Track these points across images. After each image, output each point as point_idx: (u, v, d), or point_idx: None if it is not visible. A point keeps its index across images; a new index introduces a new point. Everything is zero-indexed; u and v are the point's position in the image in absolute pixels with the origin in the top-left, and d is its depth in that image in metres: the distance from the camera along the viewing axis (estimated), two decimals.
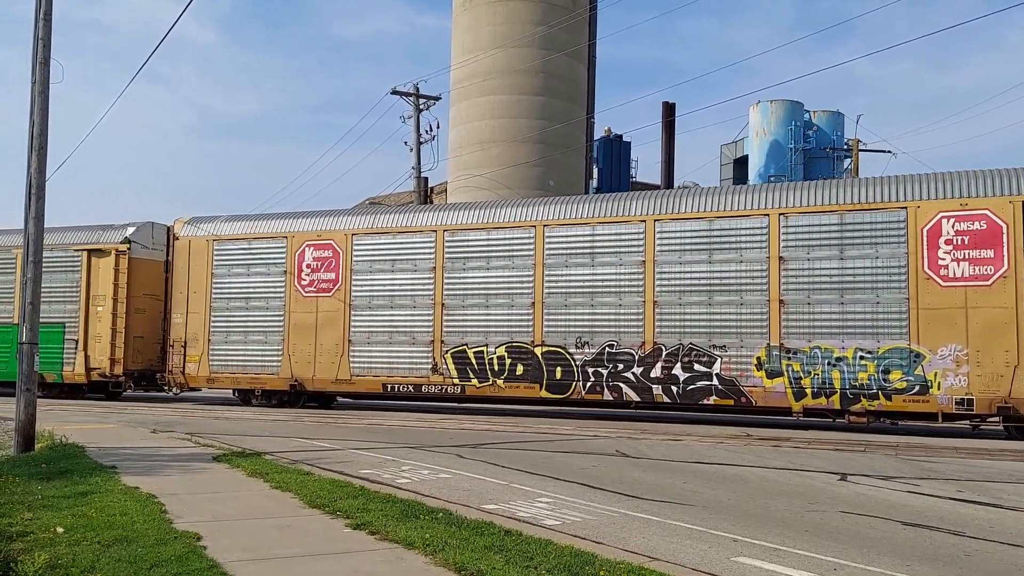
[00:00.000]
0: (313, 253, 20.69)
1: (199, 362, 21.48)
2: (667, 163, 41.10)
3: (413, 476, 9.78)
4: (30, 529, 6.60)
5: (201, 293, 21.66)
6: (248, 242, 21.46)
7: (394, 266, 19.94)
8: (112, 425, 15.82)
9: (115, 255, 23.06)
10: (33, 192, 11.92)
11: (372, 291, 20.07)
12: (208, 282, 21.61)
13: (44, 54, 11.94)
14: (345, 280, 20.30)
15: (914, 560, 6.22)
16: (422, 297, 19.56)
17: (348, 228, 20.54)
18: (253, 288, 21.21)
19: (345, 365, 20.08)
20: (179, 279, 22.00)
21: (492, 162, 35.35)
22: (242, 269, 21.44)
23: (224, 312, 21.45)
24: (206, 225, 22.08)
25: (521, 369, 18.55)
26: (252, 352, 21.08)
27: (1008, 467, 11.46)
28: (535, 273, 18.59)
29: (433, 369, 19.30)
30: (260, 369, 20.95)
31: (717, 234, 17.28)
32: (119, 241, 23.22)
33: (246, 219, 22.19)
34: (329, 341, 20.24)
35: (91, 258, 23.33)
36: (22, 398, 11.51)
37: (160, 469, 9.89)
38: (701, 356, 17.13)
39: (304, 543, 6.34)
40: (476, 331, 19.03)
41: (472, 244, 19.32)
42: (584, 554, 5.90)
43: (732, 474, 10.47)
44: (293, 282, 20.71)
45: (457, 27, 38.20)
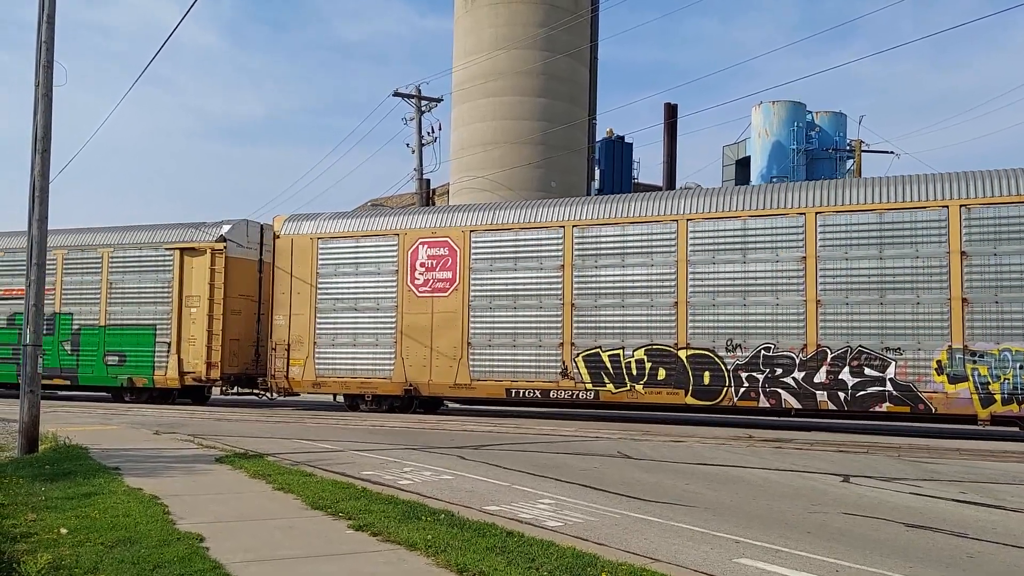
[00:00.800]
0: (427, 251, 19.65)
1: (304, 366, 20.52)
2: (669, 164, 41.11)
3: (415, 477, 9.79)
4: (34, 530, 6.62)
5: (305, 294, 20.68)
6: (356, 240, 20.44)
7: (517, 264, 18.84)
8: (115, 427, 15.85)
9: (210, 254, 22.00)
10: (37, 194, 11.95)
11: (493, 290, 18.98)
12: (313, 282, 20.63)
13: (47, 57, 11.98)
14: (463, 279, 19.23)
15: (917, 562, 6.22)
16: (549, 297, 18.46)
17: (466, 224, 19.44)
18: (362, 288, 20.22)
19: (464, 369, 19.04)
20: (281, 279, 21.02)
21: (494, 164, 35.36)
22: (350, 268, 20.44)
23: (331, 313, 20.47)
24: (308, 223, 21.08)
25: (663, 374, 17.38)
26: (361, 355, 20.07)
27: (1012, 469, 11.45)
28: (678, 270, 17.39)
29: (563, 373, 18.16)
30: (371, 373, 19.94)
31: (889, 228, 16.05)
32: (214, 239, 22.18)
33: (353, 216, 21.41)
34: (446, 344, 19.18)
35: (183, 257, 22.35)
36: (26, 400, 11.53)
37: (163, 470, 9.91)
38: (872, 359, 15.91)
39: (306, 544, 6.35)
40: (611, 332, 17.87)
41: (605, 240, 18.13)
42: (586, 555, 5.91)
43: (734, 475, 10.46)
44: (405, 282, 19.75)
45: (459, 29, 38.24)
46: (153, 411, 20.26)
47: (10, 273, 24.05)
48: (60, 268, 23.52)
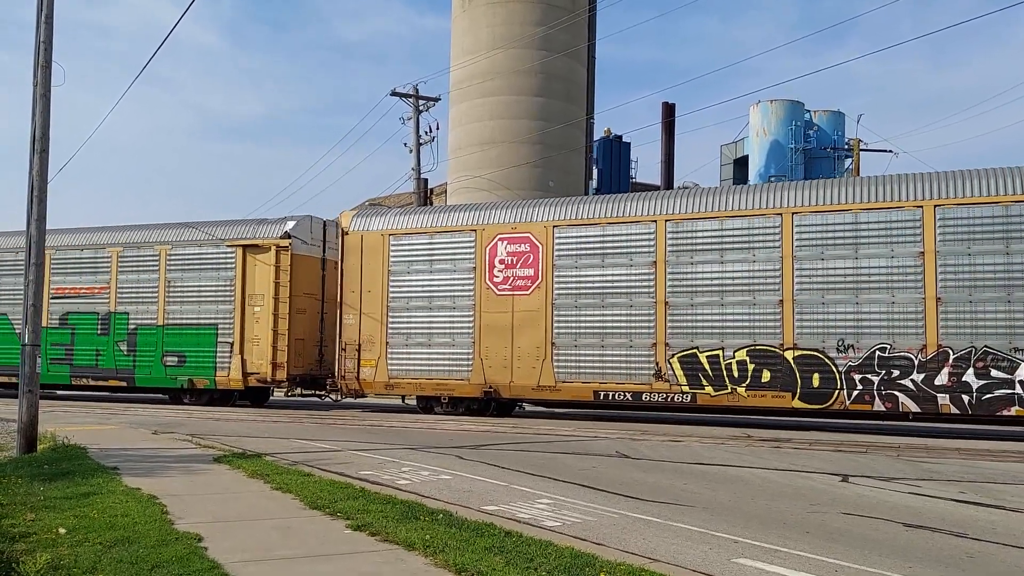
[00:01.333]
0: (507, 247, 18.80)
1: (375, 367, 19.69)
2: (667, 163, 41.13)
3: (413, 477, 9.79)
4: (32, 530, 6.61)
5: (376, 292, 19.85)
6: (430, 236, 19.58)
7: (604, 260, 17.96)
8: (114, 426, 15.84)
9: (275, 251, 21.19)
10: (35, 195, 11.93)
11: (578, 288, 18.12)
12: (385, 280, 19.80)
13: (46, 57, 11.95)
14: (546, 276, 18.38)
15: (916, 562, 6.22)
16: (640, 295, 17.57)
17: (548, 219, 18.59)
18: (437, 286, 19.39)
19: (548, 370, 18.16)
20: (350, 277, 20.16)
21: (492, 163, 35.36)
22: (424, 266, 19.61)
23: (403, 312, 19.64)
24: (378, 219, 20.37)
25: (767, 376, 16.49)
26: (437, 356, 19.25)
27: (1011, 468, 11.46)
28: (782, 266, 16.51)
29: (656, 375, 17.30)
30: (447, 374, 19.10)
31: (1017, 220, 15.19)
32: (278, 236, 21.37)
33: (426, 211, 20.62)
34: (528, 343, 18.37)
35: (246, 254, 21.53)
36: (24, 400, 11.51)
37: (161, 470, 9.90)
38: (1000, 361, 15.10)
39: (305, 544, 6.35)
40: (709, 332, 17.03)
41: (701, 235, 17.25)
42: (584, 555, 5.90)
43: (733, 475, 10.47)
44: (484, 279, 18.91)
45: (456, 28, 38.23)
46: (152, 411, 20.24)
47: (62, 271, 23.43)
48: (115, 266, 22.89)
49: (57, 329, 23.32)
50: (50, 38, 12.01)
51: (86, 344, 22.96)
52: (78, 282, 23.36)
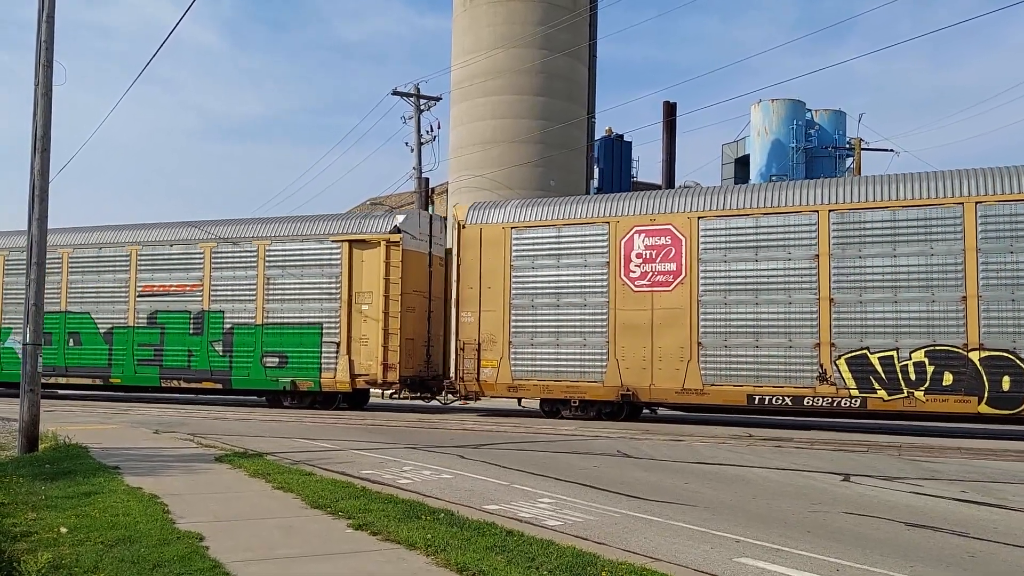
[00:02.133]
0: (645, 240, 17.62)
1: (497, 368, 18.59)
2: (668, 163, 41.13)
3: (415, 476, 9.79)
4: (34, 529, 6.61)
5: (497, 288, 18.75)
6: (557, 229, 18.47)
7: (758, 254, 16.80)
8: (115, 426, 15.84)
9: (384, 247, 20.08)
10: (36, 194, 11.93)
11: (728, 283, 16.97)
12: (507, 275, 18.69)
13: (47, 56, 11.95)
14: (690, 271, 17.22)
15: (917, 561, 6.21)
16: (800, 290, 16.42)
17: (692, 210, 17.41)
18: (565, 282, 18.27)
19: (694, 372, 17.00)
20: (468, 273, 19.10)
21: (493, 162, 35.35)
22: (550, 260, 18.47)
23: (528, 310, 18.52)
24: (498, 211, 19.30)
25: (949, 378, 15.33)
26: (566, 356, 18.13)
27: (1012, 467, 11.45)
28: (965, 259, 15.36)
29: (821, 378, 16.09)
30: (578, 376, 17.99)
31: None
32: (388, 230, 20.27)
33: (552, 203, 19.24)
34: (670, 343, 17.22)
35: (352, 250, 20.43)
36: (26, 399, 11.52)
37: (163, 470, 9.90)
38: None
39: (306, 543, 6.34)
40: (880, 331, 15.84)
41: (870, 225, 16.09)
42: (586, 555, 5.90)
43: (734, 474, 10.46)
44: (618, 274, 17.76)
45: (457, 27, 38.22)
46: (152, 411, 20.23)
47: (149, 268, 22.51)
48: (208, 263, 21.80)
49: (145, 329, 22.31)
50: (51, 37, 12.01)
51: (177, 344, 21.90)
52: (167, 279, 22.36)
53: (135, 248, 22.72)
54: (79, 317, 23.07)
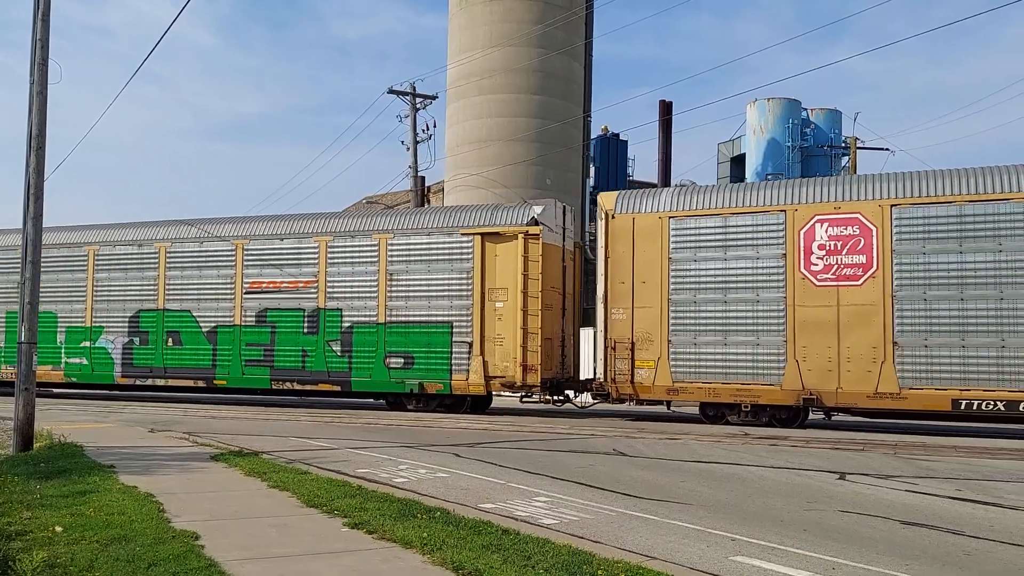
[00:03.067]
0: (828, 230, 16.33)
1: (655, 369, 17.28)
2: (664, 161, 41.18)
3: (410, 475, 9.78)
4: (29, 528, 6.59)
5: (653, 282, 17.43)
6: (723, 218, 17.10)
7: (962, 245, 15.42)
8: (110, 424, 15.81)
9: (522, 240, 18.79)
10: (32, 192, 11.90)
11: (927, 276, 15.67)
12: (664, 269, 17.38)
13: (42, 55, 11.92)
14: (882, 264, 15.87)
15: (913, 559, 6.23)
16: (1019, 283, 15.06)
17: (884, 197, 16.05)
18: (734, 275, 16.95)
19: (888, 374, 15.65)
20: (618, 266, 17.76)
21: (489, 161, 35.36)
22: (715, 252, 17.15)
23: (689, 306, 17.22)
24: (651, 200, 18.01)
25: None
26: (735, 356, 16.82)
27: (1008, 466, 11.48)
28: None
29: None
30: (751, 378, 16.65)
31: None
32: (525, 222, 18.93)
33: (718, 190, 17.91)
34: (860, 343, 15.90)
35: (485, 243, 19.14)
36: (20, 398, 11.49)
37: (158, 468, 9.88)
38: None
39: (302, 542, 6.34)
40: None
41: None
42: (582, 553, 5.90)
43: (730, 473, 10.47)
44: (796, 267, 16.48)
45: (453, 26, 38.20)
46: (147, 409, 20.19)
47: (257, 264, 21.26)
48: (323, 258, 20.47)
49: (253, 328, 21.04)
50: (46, 37, 11.98)
51: (290, 344, 20.61)
52: (278, 275, 21.04)
53: (241, 242, 21.40)
54: (179, 315, 21.86)
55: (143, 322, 22.25)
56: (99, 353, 22.67)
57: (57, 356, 23.07)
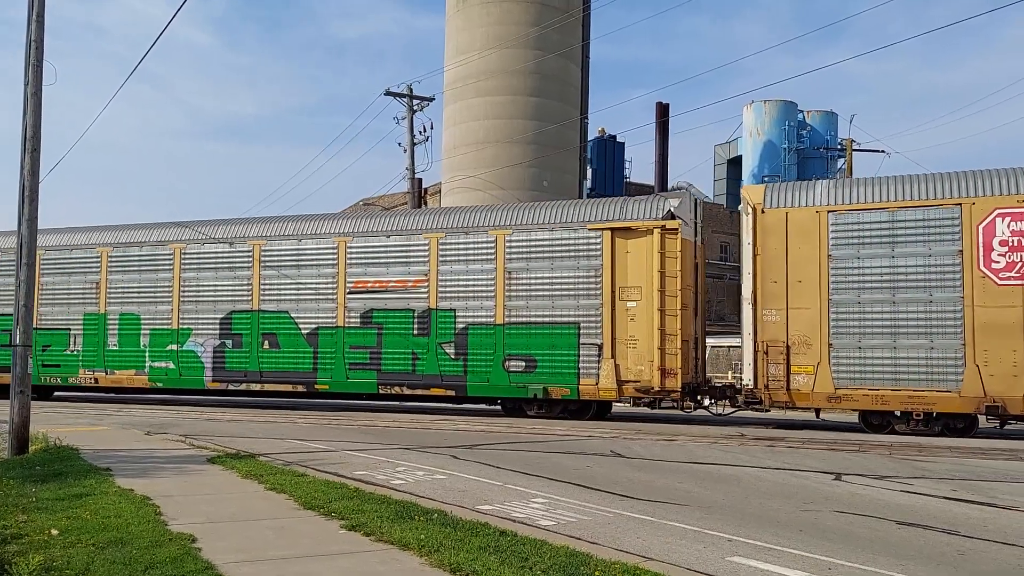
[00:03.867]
0: (1012, 225, 15.30)
1: (814, 374, 16.27)
2: (661, 163, 41.24)
3: (408, 477, 9.78)
4: (25, 531, 6.58)
5: (811, 281, 16.41)
6: (890, 213, 16.09)
7: None
8: (106, 427, 15.77)
9: (658, 235, 17.63)
10: (26, 194, 11.88)
11: None
12: (823, 267, 16.36)
13: (37, 56, 11.90)
14: None
15: (908, 559, 6.24)
16: None
17: None
18: (903, 273, 15.99)
19: None
20: (770, 264, 16.76)
21: (486, 163, 35.39)
22: (882, 248, 16.14)
23: (852, 307, 16.20)
24: (807, 193, 17.01)
25: None
26: (906, 361, 15.79)
27: (1002, 466, 11.51)
28: None
29: None
30: (924, 384, 15.61)
31: None
32: (661, 216, 17.82)
33: (877, 182, 16.75)
34: None
35: (615, 239, 18.03)
36: (16, 401, 11.46)
37: (155, 471, 9.87)
38: None
39: (299, 544, 6.33)
40: None
41: None
42: (579, 554, 5.91)
43: (727, 474, 10.49)
44: (975, 265, 15.49)
45: (450, 28, 38.24)
46: (144, 412, 20.14)
47: (362, 262, 20.15)
48: (434, 255, 19.42)
49: (358, 329, 19.97)
50: (41, 37, 11.96)
51: (398, 347, 19.60)
52: (384, 274, 19.91)
53: (344, 240, 20.27)
54: (276, 317, 20.77)
55: (236, 324, 21.17)
56: (187, 357, 21.56)
57: (141, 360, 22.00)
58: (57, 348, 22.85)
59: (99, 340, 22.43)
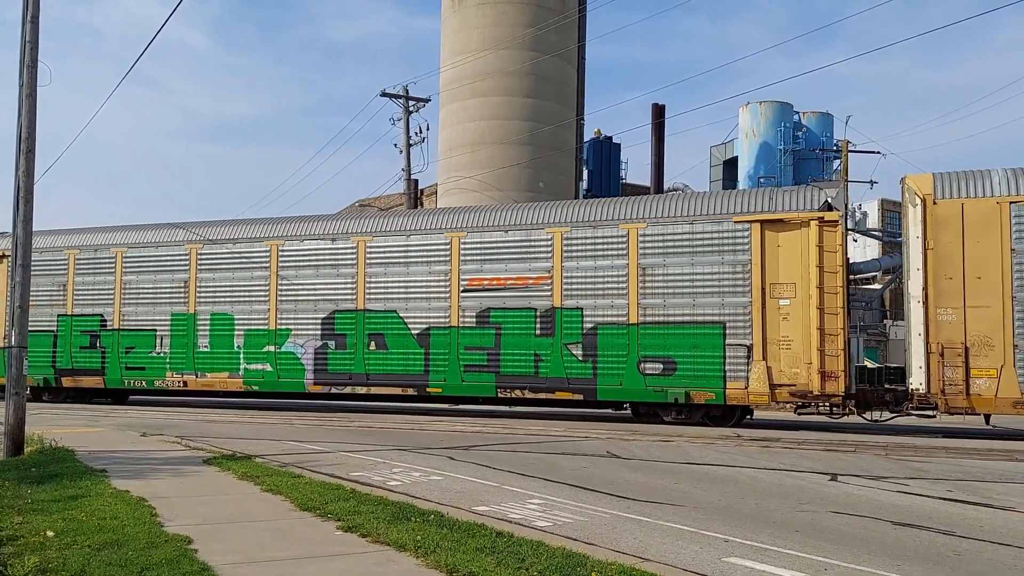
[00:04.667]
0: None
1: (997, 378, 15.35)
2: (657, 165, 41.22)
3: (404, 478, 9.77)
4: (20, 533, 6.56)
5: (992, 278, 15.55)
6: None
7: None
8: (101, 429, 15.74)
9: (816, 227, 16.61)
10: (21, 195, 11.86)
11: None
12: (1006, 262, 15.50)
13: (32, 57, 11.88)
14: None
15: (904, 560, 6.26)
16: None
17: None
18: None
19: None
20: (944, 259, 15.83)
21: (482, 164, 35.39)
22: None
23: None
24: (984, 182, 16.08)
25: None
26: None
27: (997, 467, 11.55)
28: None
29: None
30: None
31: None
32: (817, 207, 16.74)
33: None
34: None
35: (764, 232, 17.04)
36: (11, 402, 11.43)
37: (150, 472, 9.85)
38: None
39: (295, 546, 6.33)
40: None
41: None
42: (576, 555, 5.91)
43: (723, 475, 10.50)
44: None
45: (446, 29, 38.24)
46: (139, 413, 20.10)
47: (477, 259, 19.05)
48: (558, 250, 18.43)
49: (474, 329, 18.91)
50: (36, 38, 11.94)
51: (519, 348, 18.51)
52: (502, 271, 18.84)
53: (457, 236, 19.26)
54: (382, 316, 19.76)
55: (339, 324, 20.14)
56: (286, 358, 20.53)
57: (235, 362, 20.98)
58: (142, 349, 21.89)
59: (189, 341, 21.44)
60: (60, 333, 22.70)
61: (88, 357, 22.47)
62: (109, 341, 22.23)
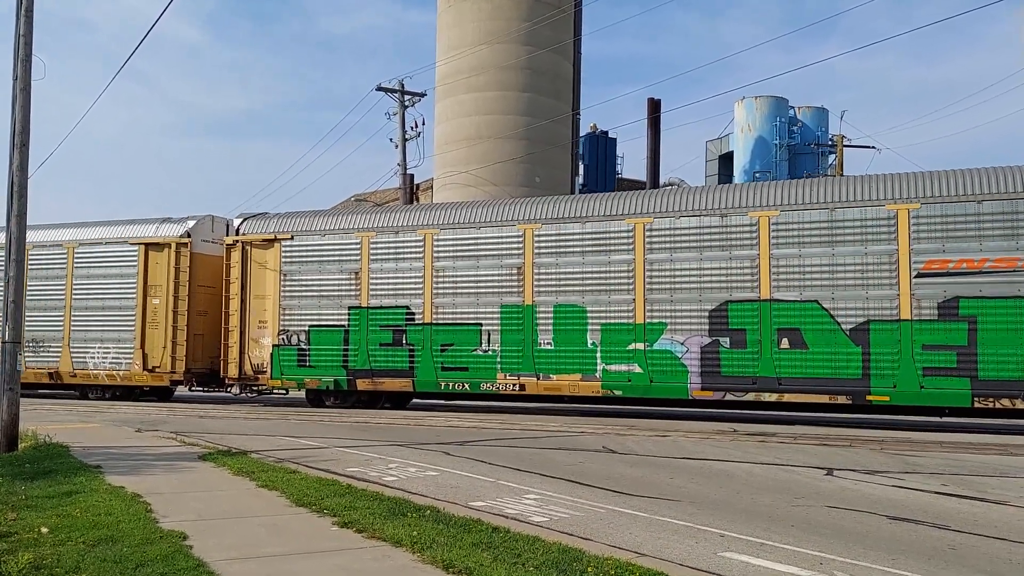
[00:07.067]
0: None
1: None
2: (653, 160, 41.21)
3: (400, 474, 9.76)
4: (14, 529, 6.54)
5: None
6: None
7: None
8: (96, 424, 15.70)
9: None
10: (15, 190, 11.80)
11: None
12: None
13: (26, 51, 11.82)
14: None
15: (899, 554, 6.27)
16: None
17: None
18: None
19: None
20: None
21: (478, 159, 35.34)
22: None
23: None
24: None
25: None
26: None
27: (992, 461, 11.58)
28: None
29: None
30: None
31: None
32: None
33: None
34: None
35: None
36: (5, 398, 11.39)
37: (145, 468, 9.82)
38: None
39: (291, 542, 6.31)
40: None
41: None
42: (572, 550, 5.91)
43: (719, 470, 10.51)
44: None
45: (442, 23, 38.14)
46: (135, 409, 20.06)
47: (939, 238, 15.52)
48: None
49: (935, 324, 15.48)
50: (30, 32, 11.87)
51: (1006, 346, 15.01)
52: (977, 251, 15.26)
53: (906, 208, 15.80)
54: (798, 307, 16.37)
55: (733, 317, 16.80)
56: (660, 358, 17.26)
57: (590, 362, 17.79)
58: (463, 347, 18.86)
59: (525, 338, 18.36)
60: (352, 328, 19.78)
61: (390, 356, 19.52)
62: (417, 337, 19.34)
